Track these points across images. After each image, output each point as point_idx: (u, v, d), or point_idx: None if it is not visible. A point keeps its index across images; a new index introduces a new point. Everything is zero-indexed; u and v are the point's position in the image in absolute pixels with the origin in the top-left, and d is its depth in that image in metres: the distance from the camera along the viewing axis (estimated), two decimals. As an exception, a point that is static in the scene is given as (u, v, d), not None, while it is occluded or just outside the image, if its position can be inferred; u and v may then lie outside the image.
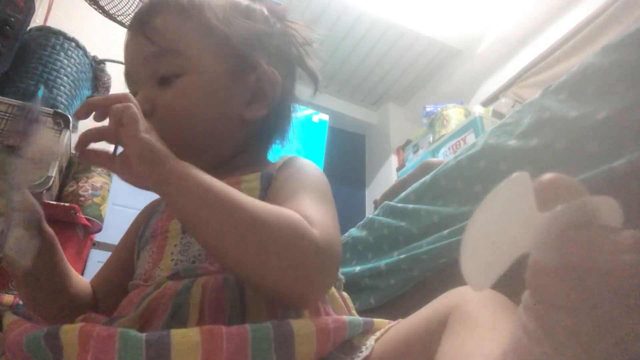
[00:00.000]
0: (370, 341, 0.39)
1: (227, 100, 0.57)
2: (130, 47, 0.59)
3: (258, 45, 0.60)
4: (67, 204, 1.32)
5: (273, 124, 0.63)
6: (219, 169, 0.55)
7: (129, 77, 0.60)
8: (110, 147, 0.46)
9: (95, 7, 1.56)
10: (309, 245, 0.40)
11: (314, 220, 0.42)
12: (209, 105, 0.56)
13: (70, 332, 0.33)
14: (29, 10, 1.44)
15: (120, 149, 0.45)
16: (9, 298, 1.13)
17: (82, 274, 0.55)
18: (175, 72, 0.55)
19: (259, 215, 0.40)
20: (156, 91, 0.55)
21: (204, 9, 0.57)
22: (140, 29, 0.56)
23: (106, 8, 1.56)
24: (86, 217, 1.39)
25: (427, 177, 0.83)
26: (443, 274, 0.72)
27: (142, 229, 0.60)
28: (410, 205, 0.84)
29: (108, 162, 0.45)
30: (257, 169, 0.56)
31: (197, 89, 0.55)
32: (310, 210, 0.44)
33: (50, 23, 1.74)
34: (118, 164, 0.45)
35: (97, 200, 1.46)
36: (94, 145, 0.45)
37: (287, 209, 0.42)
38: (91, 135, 0.44)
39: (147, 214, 0.62)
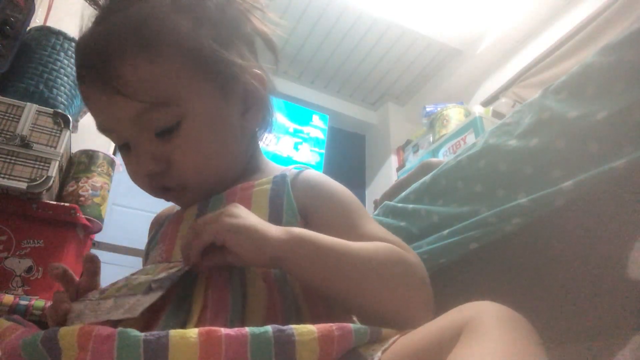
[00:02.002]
0: (378, 352, 0.37)
1: (228, 123, 0.55)
2: (106, 107, 0.51)
3: (227, 42, 0.54)
4: (67, 204, 1.32)
5: (264, 117, 0.63)
6: (236, 180, 0.57)
7: (108, 132, 0.54)
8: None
9: (95, 7, 1.56)
10: (413, 268, 0.48)
11: (395, 242, 0.49)
12: (217, 137, 0.54)
13: (69, 334, 0.33)
14: (29, 10, 1.44)
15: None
16: (8, 298, 1.13)
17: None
18: (172, 123, 0.50)
19: (373, 259, 0.46)
20: (159, 145, 0.51)
21: (164, 35, 0.49)
22: (111, 85, 0.48)
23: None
24: (86, 217, 1.38)
25: (427, 177, 0.83)
26: (443, 274, 0.72)
27: (152, 235, 0.61)
28: (410, 205, 0.84)
29: (222, 260, 0.45)
30: (267, 173, 0.58)
31: (202, 129, 0.52)
32: (385, 235, 0.51)
33: (50, 23, 1.74)
34: (233, 256, 0.45)
35: (97, 200, 1.46)
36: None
37: (380, 243, 0.48)
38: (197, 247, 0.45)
39: (159, 223, 0.63)
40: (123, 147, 0.55)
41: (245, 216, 0.45)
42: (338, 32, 3.05)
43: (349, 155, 3.68)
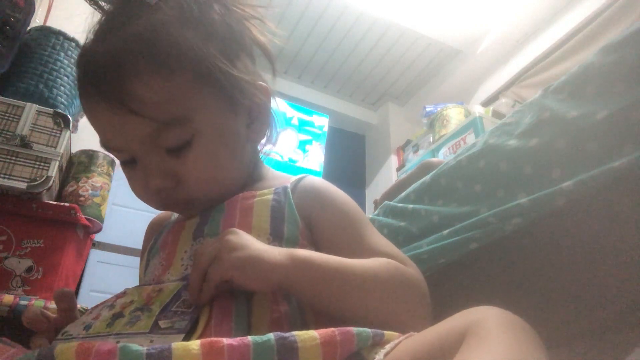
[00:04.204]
0: (380, 355, 0.37)
1: (237, 136, 0.55)
2: (116, 126, 0.49)
3: (234, 55, 0.54)
4: (67, 204, 1.32)
5: (269, 128, 0.63)
6: (238, 190, 0.57)
7: (115, 150, 0.53)
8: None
9: (96, 7, 1.56)
10: (414, 285, 0.50)
11: (396, 256, 0.51)
12: (227, 151, 0.54)
13: (66, 351, 0.32)
14: (29, 10, 1.44)
15: None
16: (8, 298, 1.13)
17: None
18: (185, 140, 0.50)
19: (375, 279, 0.47)
20: (169, 161, 0.51)
21: (177, 52, 0.48)
22: (125, 105, 0.47)
23: (106, 8, 1.57)
24: (86, 217, 1.39)
25: (427, 177, 0.83)
26: (443, 274, 0.72)
27: (152, 243, 0.60)
28: (410, 205, 0.84)
29: (229, 287, 0.45)
30: (269, 182, 0.59)
31: (213, 145, 0.52)
32: (387, 248, 0.53)
33: (50, 23, 1.74)
34: (239, 286, 0.44)
35: (97, 200, 1.46)
36: None
37: (383, 260, 0.50)
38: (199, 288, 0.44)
39: (158, 229, 0.63)
40: (127, 163, 0.54)
41: (246, 244, 0.45)
42: (338, 32, 3.05)
43: (349, 155, 3.69)
